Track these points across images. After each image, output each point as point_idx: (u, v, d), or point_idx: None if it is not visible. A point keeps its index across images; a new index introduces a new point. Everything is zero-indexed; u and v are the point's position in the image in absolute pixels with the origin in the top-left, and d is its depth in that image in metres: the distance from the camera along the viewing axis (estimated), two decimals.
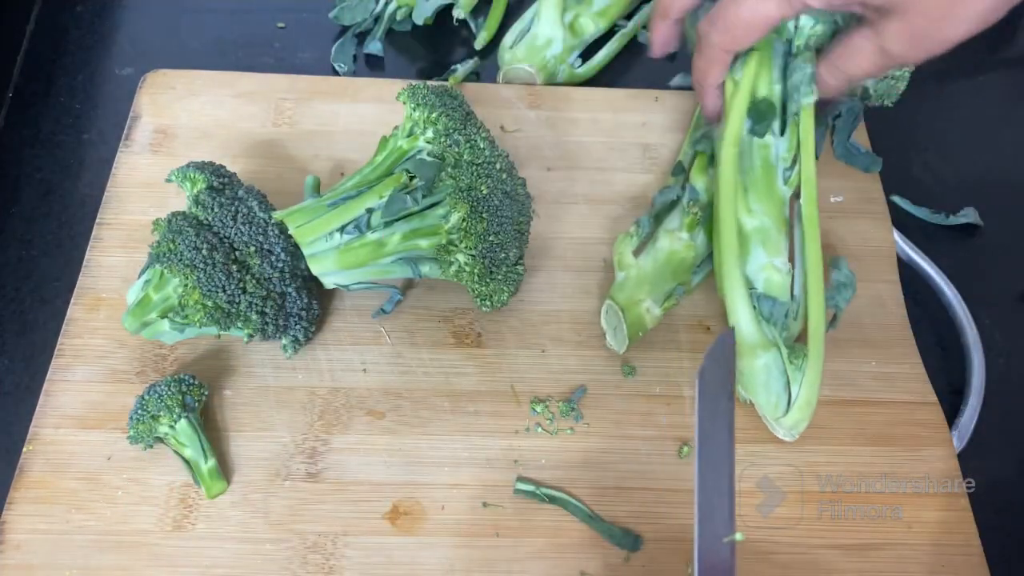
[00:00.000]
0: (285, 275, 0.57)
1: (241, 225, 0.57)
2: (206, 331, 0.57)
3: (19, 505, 0.54)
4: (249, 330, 0.56)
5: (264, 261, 0.56)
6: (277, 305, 0.56)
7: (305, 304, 0.58)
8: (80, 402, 0.58)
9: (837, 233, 0.68)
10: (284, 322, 0.57)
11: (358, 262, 0.56)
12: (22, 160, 0.72)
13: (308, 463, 0.56)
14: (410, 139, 0.57)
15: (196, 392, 0.56)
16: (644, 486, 0.57)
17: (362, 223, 0.55)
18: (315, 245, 0.55)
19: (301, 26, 0.81)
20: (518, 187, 0.59)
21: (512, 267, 0.59)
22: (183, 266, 0.54)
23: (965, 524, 0.57)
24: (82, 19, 0.81)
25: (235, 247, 0.56)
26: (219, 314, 0.54)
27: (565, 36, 0.75)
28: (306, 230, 0.55)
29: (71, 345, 0.60)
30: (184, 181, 0.58)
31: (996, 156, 0.77)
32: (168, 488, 0.55)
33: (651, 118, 0.73)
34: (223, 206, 0.57)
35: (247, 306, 0.55)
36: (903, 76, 0.65)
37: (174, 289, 0.54)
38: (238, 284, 0.55)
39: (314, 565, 0.53)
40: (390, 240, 0.56)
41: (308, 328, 0.59)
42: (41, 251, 0.67)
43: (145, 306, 0.55)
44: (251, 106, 0.72)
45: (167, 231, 0.55)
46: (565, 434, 0.58)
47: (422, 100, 0.57)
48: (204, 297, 0.54)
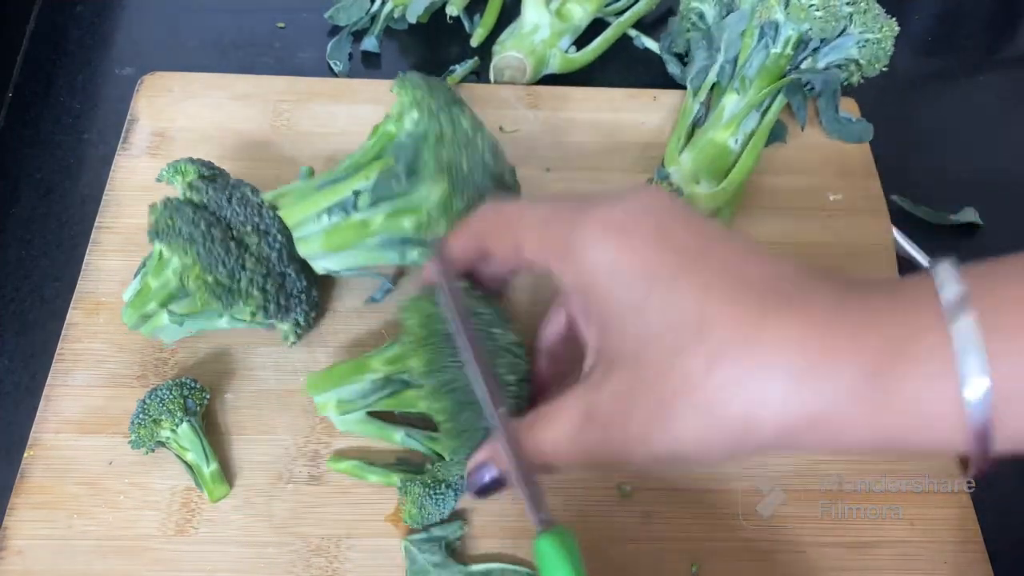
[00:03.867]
0: (283, 256, 0.57)
1: (237, 206, 0.57)
2: (205, 325, 0.57)
3: (20, 511, 0.54)
4: (252, 307, 0.55)
5: (262, 240, 0.56)
6: (277, 284, 0.56)
7: (304, 287, 0.58)
8: (81, 407, 0.58)
9: (837, 231, 0.68)
10: (285, 302, 0.57)
11: (344, 243, 0.56)
12: (22, 160, 0.71)
13: (310, 466, 0.56)
14: (397, 122, 0.57)
15: (198, 396, 0.56)
16: (646, 486, 0.57)
17: (348, 204, 0.55)
18: (303, 227, 0.55)
19: (301, 26, 0.80)
20: (504, 172, 0.59)
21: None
22: (181, 240, 0.53)
23: (967, 521, 0.57)
24: (82, 19, 0.81)
25: (232, 227, 0.56)
26: (220, 290, 0.54)
27: (552, 22, 0.74)
28: (294, 211, 0.55)
29: (71, 349, 0.60)
30: (175, 175, 0.58)
31: (996, 156, 0.77)
32: (170, 492, 0.55)
33: (649, 118, 0.73)
34: (217, 190, 0.57)
35: (248, 282, 0.55)
36: (886, 35, 0.66)
37: (173, 272, 0.54)
38: (237, 260, 0.55)
39: (318, 568, 0.53)
40: (374, 220, 0.55)
41: (309, 313, 0.59)
42: (41, 251, 0.67)
43: (144, 296, 0.55)
44: (249, 108, 0.71)
45: (163, 211, 0.55)
46: None
47: (409, 84, 0.57)
48: (204, 272, 0.53)
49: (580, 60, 0.77)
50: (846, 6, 0.66)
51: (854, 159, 0.72)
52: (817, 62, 0.65)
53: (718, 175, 0.64)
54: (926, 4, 0.87)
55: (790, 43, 0.66)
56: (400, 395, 0.54)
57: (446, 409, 0.51)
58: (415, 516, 0.52)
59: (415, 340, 0.52)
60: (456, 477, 0.53)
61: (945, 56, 0.84)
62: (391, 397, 0.54)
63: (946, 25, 0.86)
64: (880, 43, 0.67)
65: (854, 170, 0.71)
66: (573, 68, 0.77)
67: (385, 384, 0.54)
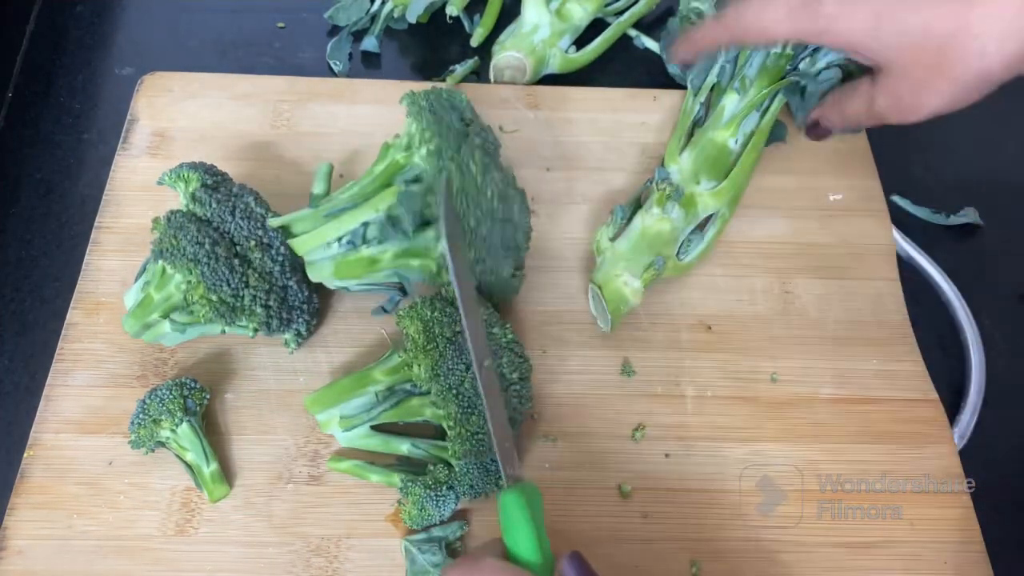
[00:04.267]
0: (286, 268, 0.57)
1: (240, 220, 0.57)
2: (208, 331, 0.57)
3: (21, 511, 0.54)
4: (254, 324, 0.56)
5: (265, 255, 0.56)
6: (280, 298, 0.56)
7: (306, 297, 0.58)
8: (81, 407, 0.58)
9: (837, 231, 0.68)
10: (287, 315, 0.57)
11: (353, 275, 0.56)
12: (22, 160, 0.71)
13: (310, 466, 0.56)
14: (407, 154, 0.56)
15: (198, 396, 0.56)
16: (647, 486, 0.57)
17: (357, 236, 0.55)
18: (313, 254, 0.56)
19: (301, 26, 0.80)
20: (513, 207, 0.58)
21: (508, 280, 0.58)
22: (186, 260, 0.54)
23: (968, 521, 0.57)
24: (82, 19, 0.81)
25: (235, 242, 0.56)
26: (224, 308, 0.54)
27: (552, 21, 0.74)
28: (304, 241, 0.55)
29: (71, 350, 0.60)
30: (178, 181, 0.58)
31: (996, 156, 0.77)
32: (170, 492, 0.55)
33: (650, 118, 0.73)
34: (220, 202, 0.57)
35: (251, 300, 0.55)
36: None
37: (176, 287, 0.54)
38: (241, 278, 0.55)
39: (317, 568, 0.53)
40: (383, 257, 0.55)
41: (310, 322, 0.59)
42: (41, 251, 0.67)
43: (146, 307, 0.55)
44: (249, 108, 0.71)
45: (167, 228, 0.55)
46: (566, 435, 0.59)
47: (419, 114, 0.56)
48: (208, 291, 0.54)
49: (580, 60, 0.77)
50: None
51: (854, 159, 0.72)
52: (816, 62, 0.65)
53: (718, 174, 0.64)
54: None
55: (789, 43, 0.66)
56: (404, 404, 0.54)
57: (453, 414, 0.51)
58: (415, 517, 0.52)
59: (416, 347, 0.52)
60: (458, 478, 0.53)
61: None
62: (395, 407, 0.54)
63: None
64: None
65: (854, 170, 0.71)
66: (573, 68, 0.77)
67: (388, 395, 0.54)
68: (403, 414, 0.54)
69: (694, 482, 0.57)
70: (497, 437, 0.49)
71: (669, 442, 0.59)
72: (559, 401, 0.60)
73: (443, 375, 0.52)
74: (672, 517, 0.56)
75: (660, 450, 0.58)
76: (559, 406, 0.60)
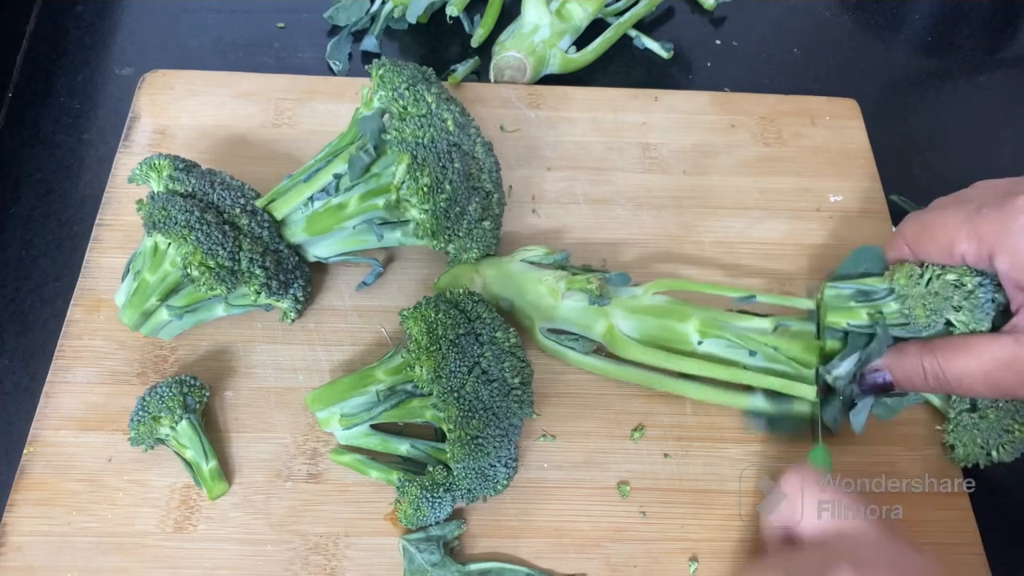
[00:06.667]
0: (274, 234, 0.58)
1: (221, 190, 0.58)
2: (205, 317, 0.58)
3: (20, 507, 0.54)
4: (255, 286, 0.56)
5: (252, 221, 0.57)
6: (275, 260, 0.57)
7: (297, 262, 0.59)
8: (80, 404, 0.58)
9: (837, 233, 0.68)
10: (285, 278, 0.58)
11: (323, 228, 0.58)
12: (22, 160, 0.72)
13: (309, 464, 0.56)
14: (367, 103, 0.59)
15: (197, 393, 0.56)
16: (646, 486, 0.57)
17: (331, 188, 0.58)
18: (291, 216, 0.59)
19: (301, 26, 0.81)
20: (477, 144, 0.60)
21: (476, 223, 0.59)
22: (179, 228, 0.54)
23: (966, 523, 0.57)
24: (82, 19, 0.81)
25: (222, 211, 0.57)
26: (224, 272, 0.54)
27: (553, 21, 0.75)
28: (283, 202, 0.58)
29: (71, 347, 0.60)
30: (150, 171, 0.58)
31: (996, 156, 0.77)
32: (169, 490, 0.55)
33: (651, 118, 0.73)
34: (198, 177, 0.58)
35: (248, 262, 0.55)
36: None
37: (172, 263, 0.54)
38: (235, 242, 0.55)
39: (316, 566, 0.53)
40: (349, 202, 0.58)
41: (305, 287, 0.60)
42: (41, 251, 0.67)
43: (143, 293, 0.55)
44: (251, 106, 0.72)
45: (153, 204, 0.55)
46: (566, 434, 0.59)
47: (378, 66, 0.59)
48: (206, 257, 0.54)
49: (580, 60, 0.77)
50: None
51: (854, 159, 0.72)
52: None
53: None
54: (926, 4, 0.87)
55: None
56: (405, 405, 0.54)
57: (454, 417, 0.51)
58: (411, 517, 0.52)
59: (419, 348, 0.52)
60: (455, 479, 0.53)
61: (945, 56, 0.84)
62: (396, 408, 0.54)
63: (946, 25, 0.86)
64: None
65: (854, 170, 0.71)
66: (573, 68, 0.77)
67: (389, 395, 0.54)
68: (404, 415, 0.54)
69: (693, 482, 0.57)
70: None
71: (668, 442, 0.59)
72: (559, 401, 0.60)
73: (445, 377, 0.51)
74: (671, 517, 0.56)
75: (659, 450, 0.58)
76: (559, 406, 0.60)
